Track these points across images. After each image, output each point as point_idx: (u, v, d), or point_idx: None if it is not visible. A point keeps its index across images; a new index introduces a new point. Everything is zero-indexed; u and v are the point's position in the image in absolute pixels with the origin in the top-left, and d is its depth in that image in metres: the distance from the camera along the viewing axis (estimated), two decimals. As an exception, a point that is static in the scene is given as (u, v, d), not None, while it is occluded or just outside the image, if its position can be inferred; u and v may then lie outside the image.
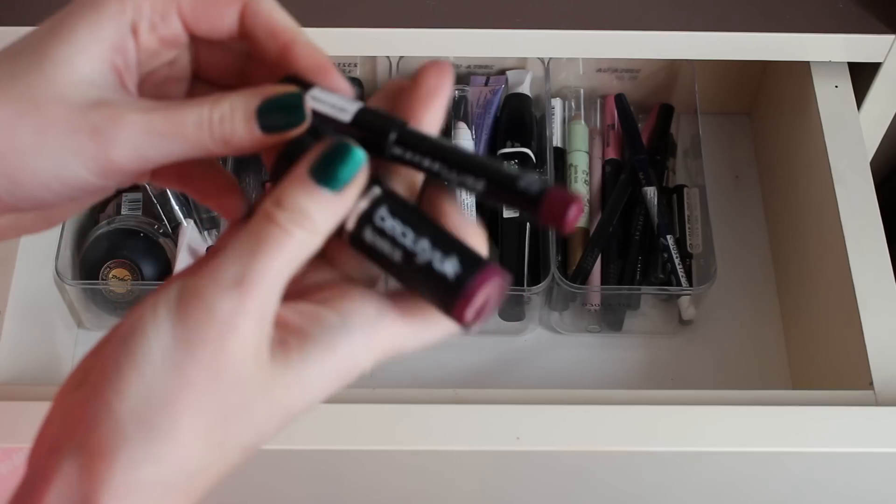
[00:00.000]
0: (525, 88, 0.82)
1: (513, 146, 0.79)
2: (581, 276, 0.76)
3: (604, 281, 0.77)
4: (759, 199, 0.86)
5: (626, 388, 0.76)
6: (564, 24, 0.72)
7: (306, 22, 0.72)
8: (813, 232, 0.75)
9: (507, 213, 0.77)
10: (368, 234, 0.36)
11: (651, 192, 0.78)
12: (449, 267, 0.35)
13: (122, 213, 0.79)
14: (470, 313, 0.34)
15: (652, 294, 0.77)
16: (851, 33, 0.73)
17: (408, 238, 0.35)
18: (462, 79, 0.84)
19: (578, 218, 0.35)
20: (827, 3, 0.74)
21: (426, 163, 0.36)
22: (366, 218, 0.36)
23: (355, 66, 0.84)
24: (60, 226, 0.75)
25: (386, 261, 0.36)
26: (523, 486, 0.66)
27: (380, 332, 0.36)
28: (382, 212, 0.36)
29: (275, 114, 0.37)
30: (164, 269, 0.76)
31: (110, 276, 0.75)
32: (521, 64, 0.83)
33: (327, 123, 0.37)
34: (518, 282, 0.75)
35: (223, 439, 0.34)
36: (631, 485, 0.66)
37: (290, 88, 0.37)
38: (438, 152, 0.36)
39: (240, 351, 0.34)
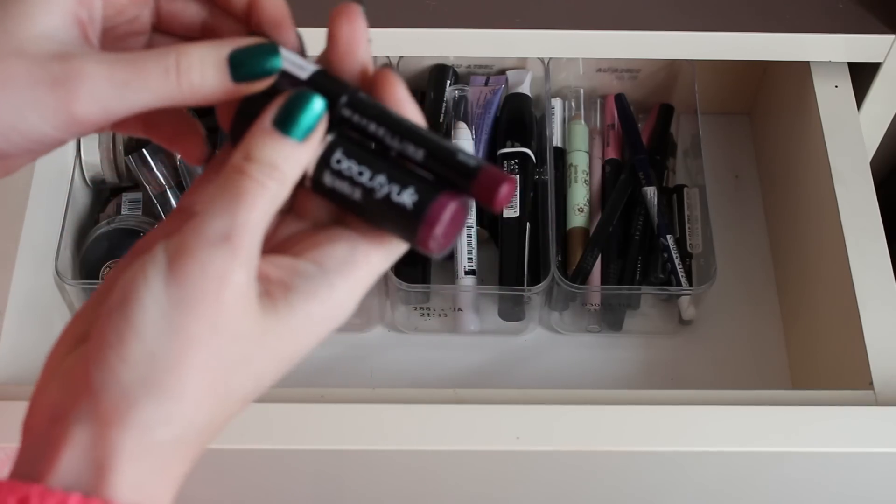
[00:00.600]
0: (525, 88, 0.82)
1: (513, 146, 0.79)
2: (581, 276, 0.76)
3: (604, 281, 0.77)
4: (759, 199, 0.86)
5: (626, 388, 0.75)
6: (564, 24, 0.72)
7: (307, 22, 0.73)
8: (813, 232, 0.75)
9: (507, 214, 0.77)
10: (328, 178, 0.37)
11: (651, 192, 0.78)
12: (407, 197, 0.36)
13: (122, 212, 0.79)
14: (433, 239, 0.36)
15: (652, 294, 0.77)
16: (851, 33, 0.72)
17: (364, 176, 0.37)
18: (462, 79, 0.84)
19: (510, 198, 0.37)
20: (827, 2, 0.74)
21: (372, 127, 0.37)
22: (323, 162, 0.37)
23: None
24: (60, 225, 0.74)
25: (347, 201, 0.37)
26: (523, 486, 0.66)
27: (356, 270, 0.37)
28: (338, 154, 0.37)
29: (249, 62, 0.37)
30: (164, 269, 0.76)
31: (110, 276, 0.75)
32: (521, 64, 0.83)
33: (283, 80, 0.38)
34: (518, 282, 0.75)
35: (226, 392, 0.35)
36: (631, 485, 0.66)
37: (263, 39, 0.38)
38: (384, 119, 0.37)
39: (235, 304, 0.34)
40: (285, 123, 0.36)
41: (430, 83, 0.83)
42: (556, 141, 0.82)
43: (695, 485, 0.65)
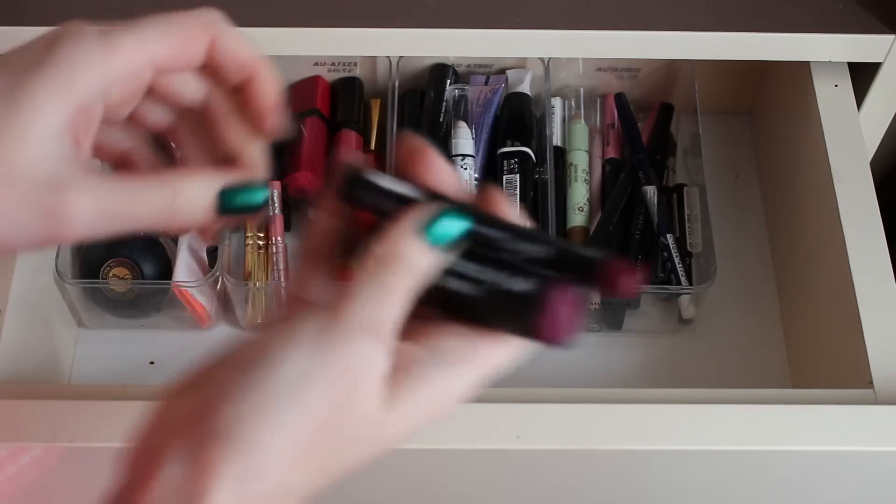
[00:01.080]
0: (525, 88, 0.82)
1: (513, 145, 0.79)
2: (581, 276, 0.75)
3: (604, 280, 0.76)
4: (759, 198, 0.86)
5: (626, 387, 0.75)
6: (564, 23, 0.72)
7: (306, 22, 0.73)
8: (813, 231, 0.75)
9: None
10: (453, 283, 0.38)
11: (651, 192, 0.78)
12: (527, 286, 0.37)
13: (123, 212, 0.78)
14: (556, 326, 0.37)
15: (652, 293, 0.77)
16: (851, 33, 0.73)
17: (487, 273, 0.38)
18: (462, 78, 0.84)
19: (636, 287, 0.39)
20: (827, 3, 0.74)
21: (494, 233, 0.39)
22: (448, 269, 0.38)
23: (355, 65, 0.84)
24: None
25: (466, 302, 0.38)
26: (523, 485, 0.66)
27: (476, 364, 0.38)
28: (455, 258, 0.39)
29: (237, 200, 0.39)
30: (165, 269, 0.76)
31: (110, 275, 0.75)
32: (521, 63, 0.83)
33: (388, 198, 0.39)
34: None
35: (328, 464, 0.36)
36: (631, 483, 0.66)
37: (251, 181, 0.40)
38: (508, 228, 0.39)
39: (370, 390, 0.36)
40: (432, 233, 0.38)
41: (430, 82, 0.83)
42: (556, 140, 0.82)
43: (695, 483, 0.65)
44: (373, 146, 0.82)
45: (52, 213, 0.37)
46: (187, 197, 0.38)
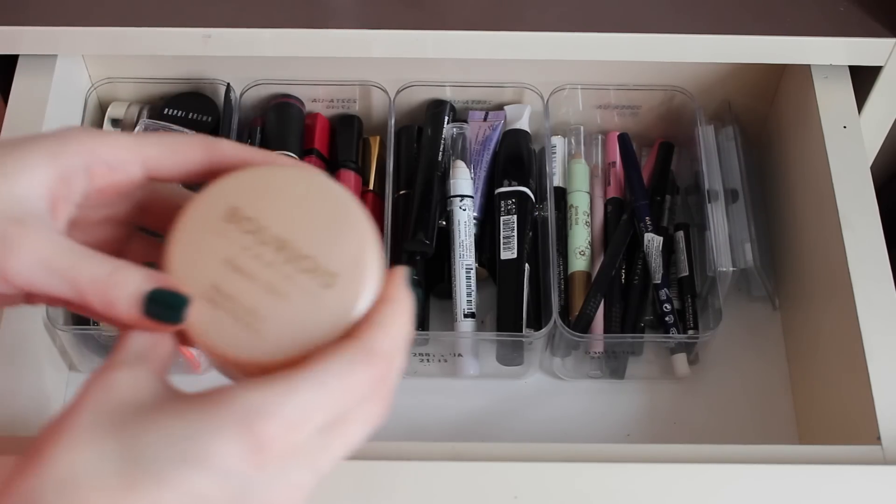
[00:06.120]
0: (524, 123, 0.80)
1: (510, 185, 0.77)
2: (583, 324, 0.74)
3: (606, 325, 0.75)
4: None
5: (629, 433, 0.74)
6: (563, 26, 0.72)
7: (305, 23, 0.73)
8: (819, 273, 0.73)
9: (505, 255, 0.75)
10: None
11: (650, 239, 0.76)
12: None
13: (114, 253, 0.77)
14: None
15: (657, 341, 0.75)
16: (853, 37, 0.73)
17: None
18: (460, 114, 0.82)
19: None
20: (828, 6, 0.74)
21: None
22: None
23: (354, 101, 0.82)
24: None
25: None
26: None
27: None
28: None
29: (159, 307, 0.40)
30: (157, 313, 0.75)
31: (102, 318, 0.74)
32: (519, 97, 0.82)
33: None
34: (516, 326, 0.73)
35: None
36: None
37: (179, 287, 0.40)
38: None
39: None
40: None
41: (428, 119, 0.81)
42: (557, 180, 0.80)
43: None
44: (371, 185, 0.80)
45: (6, 238, 0.39)
46: (123, 277, 0.40)
